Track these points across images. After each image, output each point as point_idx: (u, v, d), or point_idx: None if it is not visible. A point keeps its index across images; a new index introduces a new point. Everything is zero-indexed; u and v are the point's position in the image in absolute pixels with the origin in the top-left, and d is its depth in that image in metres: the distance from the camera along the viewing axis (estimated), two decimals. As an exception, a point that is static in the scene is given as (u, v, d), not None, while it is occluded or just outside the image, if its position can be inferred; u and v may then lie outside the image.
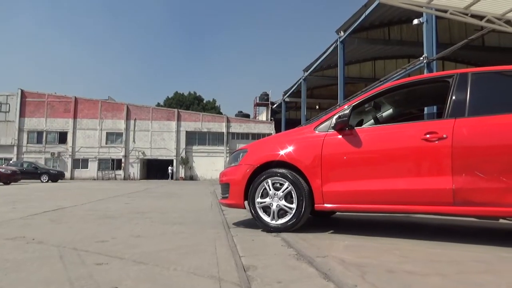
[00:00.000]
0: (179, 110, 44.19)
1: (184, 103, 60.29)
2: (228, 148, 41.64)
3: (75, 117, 40.72)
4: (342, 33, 19.98)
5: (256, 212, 3.70)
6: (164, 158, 41.38)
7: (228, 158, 7.14)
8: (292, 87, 32.94)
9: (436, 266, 2.35)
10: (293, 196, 3.55)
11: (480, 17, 7.50)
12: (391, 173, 3.28)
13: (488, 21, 7.50)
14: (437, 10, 7.67)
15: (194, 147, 42.18)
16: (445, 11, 7.48)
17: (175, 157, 41.22)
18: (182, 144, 41.77)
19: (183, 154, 41.51)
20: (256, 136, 40.68)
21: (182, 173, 40.95)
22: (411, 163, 3.26)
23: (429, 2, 7.24)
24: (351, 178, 3.42)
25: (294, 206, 3.54)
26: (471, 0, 7.05)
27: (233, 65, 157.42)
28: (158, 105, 56.63)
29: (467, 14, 7.42)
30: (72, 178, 39.18)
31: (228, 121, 43.09)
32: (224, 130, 42.50)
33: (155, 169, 42.43)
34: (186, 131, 41.99)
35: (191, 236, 3.44)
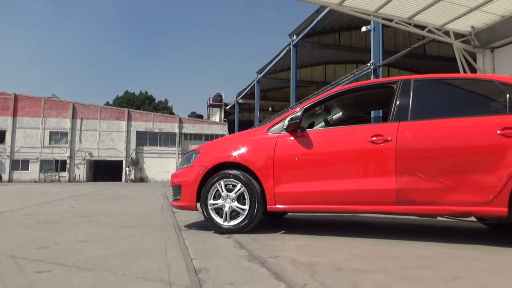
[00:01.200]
0: (130, 109, 42.81)
1: (135, 102, 58.48)
2: (180, 149, 40.95)
3: (14, 115, 38.06)
4: (295, 37, 20.40)
5: (208, 214, 3.66)
6: (113, 159, 39.83)
7: (180, 159, 7.02)
8: (246, 88, 33.11)
9: (381, 262, 2.46)
10: (246, 198, 3.56)
11: (422, 27, 7.99)
12: (340, 174, 3.39)
13: (429, 31, 8.01)
14: (383, 18, 8.07)
15: (145, 148, 41.02)
16: (391, 20, 7.88)
17: (124, 158, 39.83)
18: (133, 145, 40.46)
19: (133, 155, 40.21)
20: (209, 137, 40.37)
21: (132, 174, 39.63)
22: (358, 165, 3.39)
23: (376, 10, 7.59)
24: (302, 179, 3.49)
25: (246, 207, 3.55)
26: (414, 11, 7.49)
27: (186, 65, 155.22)
28: (107, 104, 54.42)
29: (410, 24, 7.87)
30: (10, 180, 36.55)
31: (180, 121, 42.40)
32: (176, 130, 41.75)
33: (103, 170, 40.71)
34: (137, 131, 40.73)
35: (140, 239, 3.33)
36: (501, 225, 4.00)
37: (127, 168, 38.88)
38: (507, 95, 3.22)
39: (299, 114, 3.57)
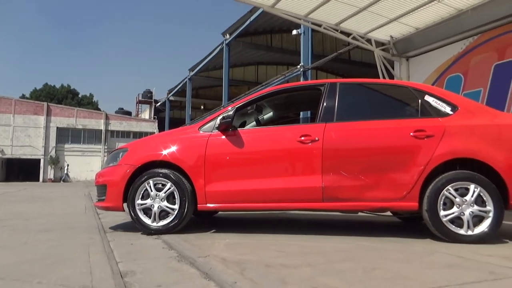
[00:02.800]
0: (49, 103, 39.55)
1: (56, 96, 54.15)
2: (106, 147, 38.77)
3: None
4: (228, 35, 20.43)
5: (136, 214, 3.53)
6: (29, 157, 36.48)
7: (106, 158, 6.66)
8: (177, 86, 32.40)
9: (307, 258, 2.57)
10: (176, 197, 3.49)
11: (348, 34, 8.47)
12: (270, 172, 3.48)
13: (354, 38, 8.52)
14: (313, 23, 8.42)
15: (67, 146, 38.18)
16: (320, 25, 8.25)
17: (43, 156, 36.70)
18: (52, 142, 37.39)
19: (52, 153, 37.22)
20: (138, 135, 38.78)
21: (51, 174, 36.68)
22: (288, 164, 3.50)
23: (306, 15, 7.89)
24: (233, 178, 3.52)
25: (176, 207, 3.48)
26: (341, 18, 7.92)
27: (113, 59, 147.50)
28: (23, 97, 49.70)
29: (337, 30, 8.30)
30: None
31: (107, 118, 40.16)
32: (102, 127, 39.47)
33: (18, 169, 37.13)
34: (58, 128, 37.71)
35: (60, 244, 3.10)
36: (412, 218, 4.41)
37: (67, 163, 35.49)
38: (419, 100, 3.54)
39: (231, 113, 3.59)
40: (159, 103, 41.08)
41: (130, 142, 4.30)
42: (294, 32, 14.17)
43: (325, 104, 3.63)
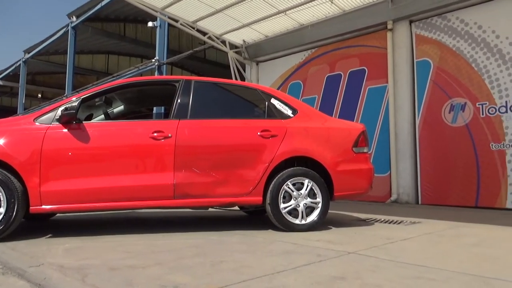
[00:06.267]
0: None
1: None
2: None
3: None
4: (74, 18, 18.41)
5: None
6: None
7: None
8: (8, 68, 27.62)
9: (157, 256, 2.53)
10: (2, 199, 2.98)
11: (204, 33, 8.63)
12: (120, 170, 3.29)
13: (210, 38, 8.73)
14: (170, 18, 8.28)
15: None
16: (177, 21, 8.17)
17: None
18: None
19: None
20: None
21: None
22: (139, 160, 3.37)
23: (163, 8, 7.72)
24: (77, 176, 3.20)
25: (2, 210, 2.97)
26: (198, 17, 8.01)
27: None
28: None
29: (194, 28, 8.37)
30: None
31: None
32: None
33: None
34: None
35: None
36: (257, 212, 4.78)
37: None
38: (266, 103, 3.86)
39: (75, 104, 3.26)
40: (-19, 87, 34.32)
41: None
42: (150, 24, 13.69)
43: (179, 100, 3.62)
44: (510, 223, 4.08)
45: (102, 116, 4.38)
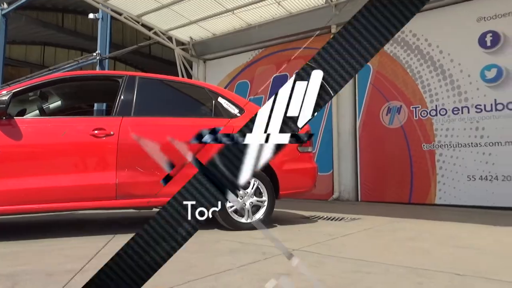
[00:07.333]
0: None
1: None
2: None
3: None
4: (5, 5, 17.01)
5: None
6: None
7: None
8: None
9: (99, 260, 2.41)
10: None
11: (149, 28, 8.38)
12: (57, 169, 3.10)
13: (155, 33, 8.50)
14: (113, 10, 7.94)
15: None
16: (120, 14, 7.86)
17: None
18: None
19: None
20: None
21: None
22: (78, 159, 3.20)
23: (105, 0, 7.38)
24: (7, 176, 2.96)
25: None
26: (143, 11, 7.76)
27: None
28: None
29: (138, 22, 8.09)
30: None
31: None
32: None
33: None
34: None
35: None
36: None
37: None
38: (213, 101, 3.84)
39: (5, 98, 3.01)
40: None
41: None
42: (91, 16, 13.05)
43: (122, 97, 3.49)
44: (438, 218, 4.43)
45: (37, 112, 4.10)
